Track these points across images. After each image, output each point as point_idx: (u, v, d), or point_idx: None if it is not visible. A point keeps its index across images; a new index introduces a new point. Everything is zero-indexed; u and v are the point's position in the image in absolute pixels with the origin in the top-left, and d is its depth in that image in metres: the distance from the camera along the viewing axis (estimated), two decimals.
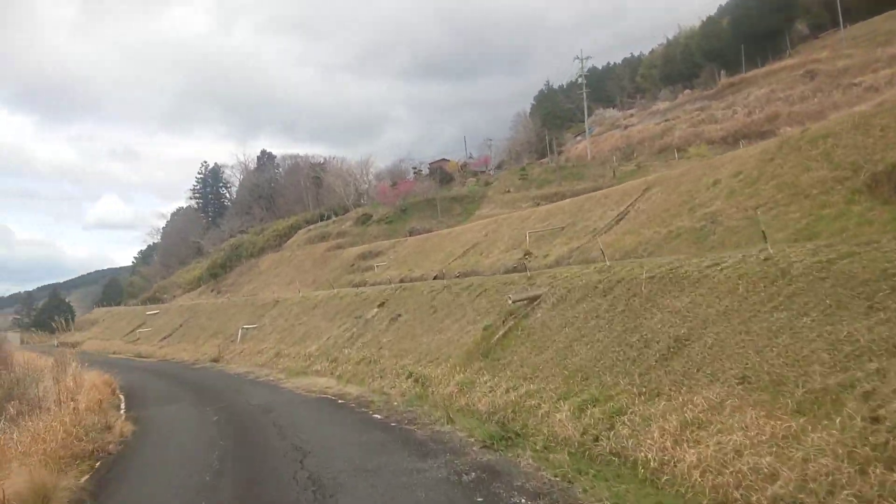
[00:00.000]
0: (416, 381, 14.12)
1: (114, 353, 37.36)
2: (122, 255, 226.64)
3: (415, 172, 76.41)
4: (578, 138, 65.99)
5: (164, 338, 35.83)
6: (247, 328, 27.96)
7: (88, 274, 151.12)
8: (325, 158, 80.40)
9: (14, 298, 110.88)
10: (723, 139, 39.04)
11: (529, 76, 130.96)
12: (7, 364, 18.78)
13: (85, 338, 49.35)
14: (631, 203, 22.68)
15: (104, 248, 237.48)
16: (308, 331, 23.87)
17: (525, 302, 14.51)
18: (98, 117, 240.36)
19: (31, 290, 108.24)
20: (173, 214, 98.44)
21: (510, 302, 14.36)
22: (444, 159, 79.94)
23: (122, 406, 15.29)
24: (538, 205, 35.97)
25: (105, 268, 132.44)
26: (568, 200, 30.10)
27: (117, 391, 17.72)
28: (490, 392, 11.73)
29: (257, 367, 21.98)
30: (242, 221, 79.66)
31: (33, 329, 78.02)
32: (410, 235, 43.80)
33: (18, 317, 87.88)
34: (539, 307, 14.11)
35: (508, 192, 52.38)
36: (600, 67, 78.67)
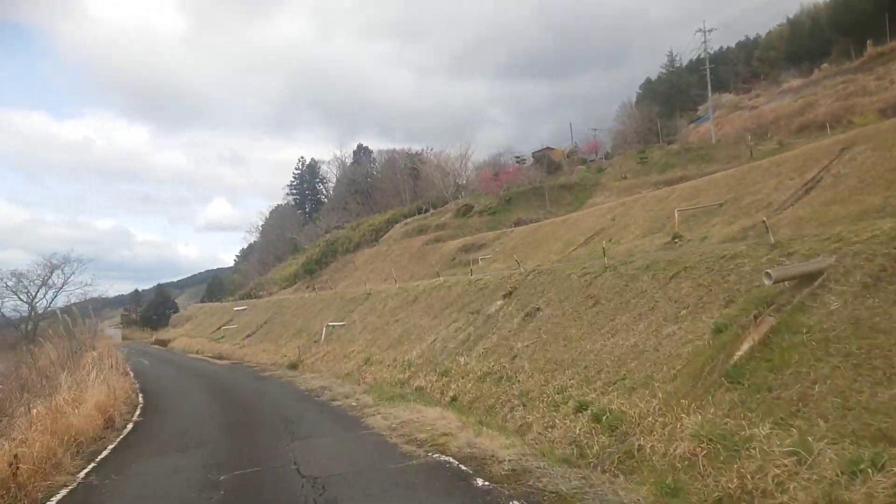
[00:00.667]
0: (597, 420, 8.03)
1: (196, 352, 34.12)
2: (229, 255, 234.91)
3: (518, 161, 70.14)
4: (693, 125, 59.49)
5: (248, 336, 31.92)
6: (332, 326, 22.92)
7: (199, 273, 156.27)
8: (422, 149, 75.95)
9: (132, 297, 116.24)
10: (881, 111, 33.61)
11: (627, 71, 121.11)
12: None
13: (176, 335, 47.29)
14: (823, 168, 17.35)
15: (213, 249, 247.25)
16: (406, 330, 18.32)
17: (794, 282, 8.03)
18: (208, 124, 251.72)
19: (147, 288, 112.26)
20: (272, 212, 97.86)
21: (768, 282, 7.90)
22: (548, 147, 73.24)
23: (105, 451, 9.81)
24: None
25: (214, 267, 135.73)
26: (721, 174, 24.67)
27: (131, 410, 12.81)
28: (796, 466, 5.41)
29: (339, 380, 16.48)
30: (338, 217, 76.77)
31: (135, 326, 79.34)
32: (516, 226, 38.10)
33: (126, 313, 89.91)
34: (826, 291, 7.59)
35: (625, 178, 45.62)
36: (712, 52, 69.71)
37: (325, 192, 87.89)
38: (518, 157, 71.60)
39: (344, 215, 77.49)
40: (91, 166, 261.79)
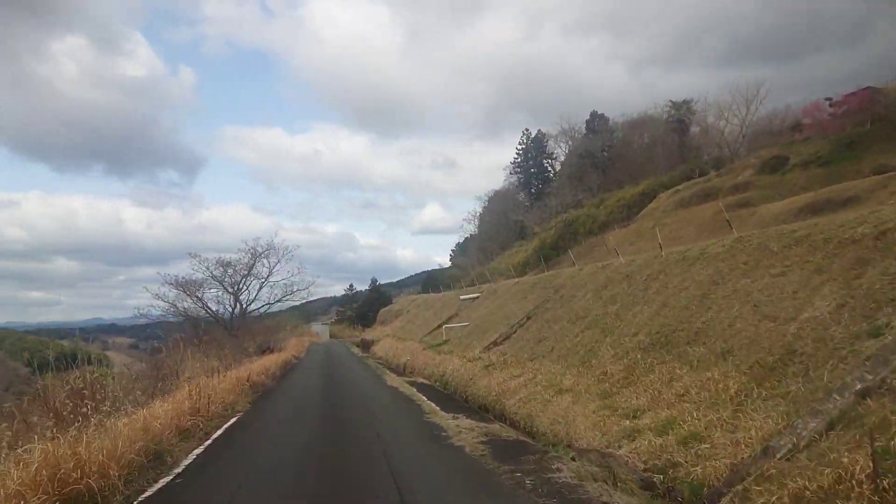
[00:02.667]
0: None
1: (404, 367, 22.20)
2: (442, 257, 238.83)
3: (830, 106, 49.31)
4: None
5: (496, 343, 17.72)
6: None
7: (415, 274, 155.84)
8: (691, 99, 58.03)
9: (353, 296, 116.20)
10: None
11: (870, 50, 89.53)
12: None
13: (382, 334, 37.17)
14: None
15: (427, 251, 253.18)
16: None
17: None
18: (421, 131, 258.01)
19: (365, 289, 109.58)
20: (490, 199, 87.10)
21: None
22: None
23: None
24: None
25: (429, 269, 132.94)
26: None
27: None
28: None
29: None
30: (573, 195, 62.62)
31: (347, 323, 73.43)
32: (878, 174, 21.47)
33: (342, 309, 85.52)
34: None
35: None
36: None
37: (552, 169, 74.35)
38: (829, 100, 50.58)
39: (579, 193, 63.23)
40: (319, 176, 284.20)
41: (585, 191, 62.11)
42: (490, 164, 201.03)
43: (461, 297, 28.80)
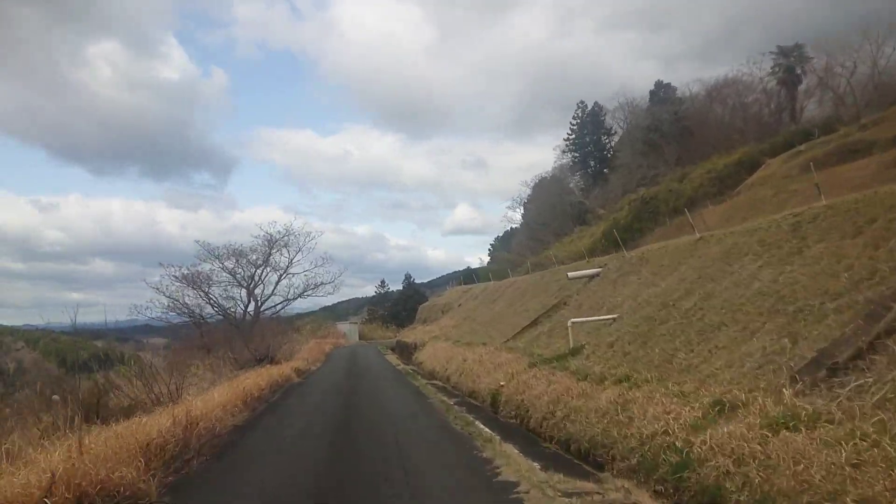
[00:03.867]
0: None
1: (494, 396, 13.06)
2: (473, 257, 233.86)
3: None
4: None
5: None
6: None
7: (447, 274, 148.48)
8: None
9: (385, 294, 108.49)
10: None
11: None
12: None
13: (425, 336, 28.34)
14: None
15: (458, 252, 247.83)
16: None
17: None
18: (451, 131, 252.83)
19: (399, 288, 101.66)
20: (535, 186, 77.98)
21: None
22: None
23: None
24: None
25: (460, 268, 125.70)
26: None
27: None
28: None
29: None
30: (642, 171, 53.29)
31: (379, 322, 65.09)
32: None
33: (373, 308, 77.47)
34: None
35: None
36: None
37: (610, 145, 64.73)
38: None
39: (648, 168, 53.88)
40: (350, 177, 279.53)
41: (656, 166, 52.68)
42: (522, 164, 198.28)
43: (569, 274, 19.36)
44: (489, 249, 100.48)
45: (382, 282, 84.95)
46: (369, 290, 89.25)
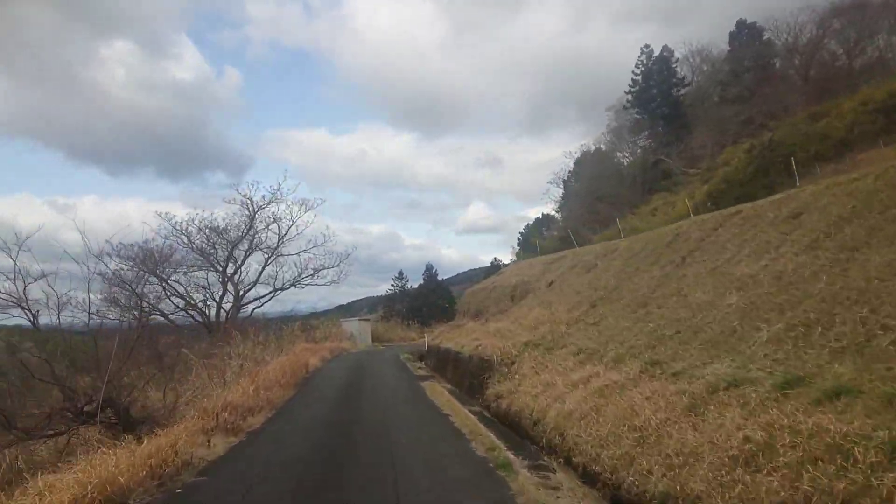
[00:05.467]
0: None
1: None
2: (487, 256, 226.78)
3: None
4: None
5: None
6: None
7: (462, 273, 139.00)
8: None
9: (403, 289, 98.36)
10: None
11: None
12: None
13: (504, 340, 15.10)
14: None
15: (472, 251, 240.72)
16: None
17: None
18: (466, 129, 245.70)
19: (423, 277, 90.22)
20: (579, 161, 65.86)
21: None
22: None
23: None
24: None
25: (476, 267, 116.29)
26: None
27: None
28: None
29: None
30: (733, 124, 41.00)
31: (397, 319, 53.11)
32: None
33: (389, 304, 65.93)
34: None
35: None
36: None
37: (682, 96, 52.15)
38: None
39: (734, 123, 41.69)
40: (364, 176, 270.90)
41: (749, 115, 40.34)
42: (539, 162, 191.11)
43: None
44: (518, 238, 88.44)
45: (400, 273, 72.98)
46: (383, 290, 77.53)
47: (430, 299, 68.54)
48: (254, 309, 34.54)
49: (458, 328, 21.68)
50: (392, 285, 74.47)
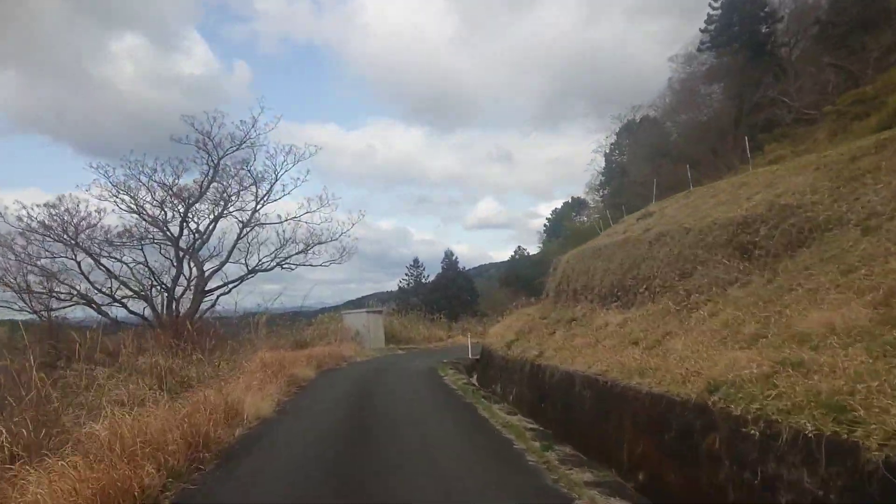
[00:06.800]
0: None
1: None
2: (497, 253, 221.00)
3: None
4: None
5: None
6: None
7: (472, 268, 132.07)
8: None
9: (418, 280, 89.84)
10: None
11: None
12: None
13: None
14: None
15: (481, 247, 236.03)
16: None
17: None
18: (476, 124, 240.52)
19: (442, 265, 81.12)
20: (623, 128, 55.98)
21: None
22: None
23: None
24: None
25: (485, 262, 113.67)
26: None
27: None
28: None
29: None
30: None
31: (415, 313, 41.64)
32: None
33: (403, 295, 56.65)
34: None
35: None
36: None
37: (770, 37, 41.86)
38: None
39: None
40: (374, 171, 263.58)
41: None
42: (550, 158, 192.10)
43: None
44: (545, 225, 78.56)
45: (416, 261, 63.19)
46: (393, 286, 68.16)
47: (450, 291, 58.57)
48: (219, 296, 24.53)
49: (496, 330, 12.19)
50: (407, 274, 64.68)
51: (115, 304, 22.54)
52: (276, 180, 25.97)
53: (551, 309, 14.28)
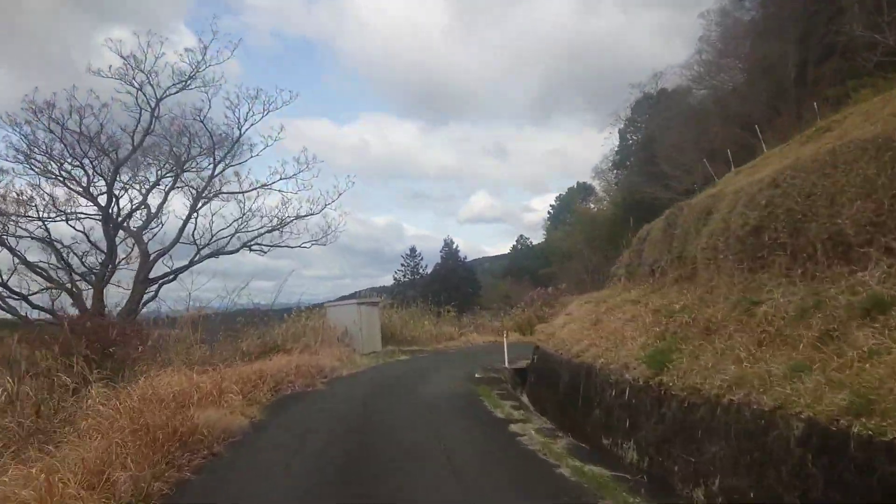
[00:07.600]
0: None
1: None
2: (491, 247, 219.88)
3: None
4: None
5: None
6: None
7: (473, 259, 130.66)
8: None
9: (415, 270, 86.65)
10: None
11: None
12: None
13: None
14: None
15: (476, 241, 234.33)
16: None
17: None
18: (471, 117, 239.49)
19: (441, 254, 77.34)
20: (640, 103, 50.60)
21: None
22: None
23: None
24: None
25: (479, 256, 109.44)
26: None
27: None
28: None
29: None
30: None
31: (418, 305, 34.32)
32: None
33: (398, 286, 51.63)
34: None
35: None
36: None
37: None
38: None
39: None
40: (368, 166, 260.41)
41: None
42: (545, 151, 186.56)
43: None
44: (549, 212, 73.92)
45: (413, 250, 57.81)
46: (387, 280, 63.49)
47: (450, 282, 53.28)
48: (161, 284, 18.94)
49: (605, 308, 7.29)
50: (403, 265, 59.46)
51: (14, 297, 16.91)
52: (241, 135, 20.44)
53: (649, 290, 8.79)
